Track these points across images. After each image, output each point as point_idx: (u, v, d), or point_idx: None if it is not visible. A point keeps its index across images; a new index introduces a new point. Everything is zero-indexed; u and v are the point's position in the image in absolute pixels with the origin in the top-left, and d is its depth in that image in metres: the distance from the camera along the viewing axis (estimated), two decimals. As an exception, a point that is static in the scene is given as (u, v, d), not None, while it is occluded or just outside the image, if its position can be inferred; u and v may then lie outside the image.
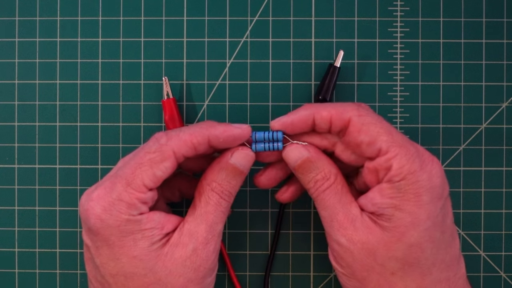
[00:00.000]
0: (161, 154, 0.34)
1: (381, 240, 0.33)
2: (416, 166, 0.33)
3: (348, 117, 0.34)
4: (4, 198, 0.43)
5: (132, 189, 0.33)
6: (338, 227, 0.34)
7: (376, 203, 0.34)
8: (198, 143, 0.34)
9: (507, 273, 0.42)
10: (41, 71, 0.43)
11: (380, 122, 0.34)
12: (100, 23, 0.43)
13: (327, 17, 0.43)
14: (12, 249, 0.43)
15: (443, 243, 0.34)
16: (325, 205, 0.35)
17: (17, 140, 0.43)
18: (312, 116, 0.35)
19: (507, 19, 0.42)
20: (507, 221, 0.42)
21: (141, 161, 0.33)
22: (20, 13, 0.43)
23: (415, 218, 0.33)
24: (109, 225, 0.33)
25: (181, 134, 0.34)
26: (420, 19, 0.42)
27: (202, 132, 0.34)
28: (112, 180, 0.34)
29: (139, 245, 0.33)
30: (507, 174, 0.42)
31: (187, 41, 0.43)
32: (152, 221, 0.33)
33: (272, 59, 0.43)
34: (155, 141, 0.34)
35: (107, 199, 0.33)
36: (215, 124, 0.35)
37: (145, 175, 0.33)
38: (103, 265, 0.33)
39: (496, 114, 0.42)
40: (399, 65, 0.42)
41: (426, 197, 0.33)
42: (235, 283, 0.42)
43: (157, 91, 0.43)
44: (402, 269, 0.33)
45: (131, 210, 0.33)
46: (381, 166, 0.34)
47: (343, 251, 0.34)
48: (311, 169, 0.35)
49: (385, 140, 0.33)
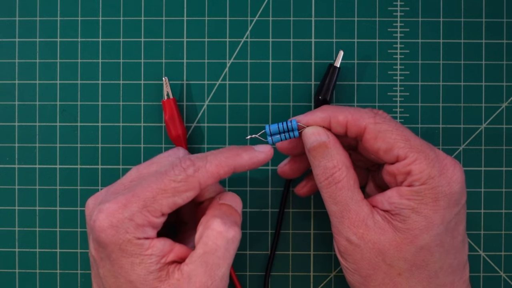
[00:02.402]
0: (186, 185, 0.33)
1: (393, 241, 0.33)
2: (436, 171, 0.33)
3: (364, 124, 0.34)
4: (5, 198, 0.43)
5: (148, 212, 0.32)
6: (349, 224, 0.34)
7: (393, 203, 0.34)
8: (224, 174, 0.34)
9: (507, 273, 0.42)
10: (41, 71, 0.43)
11: (397, 129, 0.34)
12: (100, 23, 0.43)
13: (327, 17, 0.43)
14: (13, 249, 0.43)
15: (453, 248, 0.34)
16: (336, 200, 0.34)
17: (17, 140, 0.43)
18: (329, 119, 0.35)
19: (507, 19, 0.42)
20: (507, 221, 0.42)
21: (164, 187, 0.32)
22: (20, 13, 0.43)
23: (429, 222, 0.33)
24: (112, 241, 0.32)
25: (207, 165, 0.33)
26: (420, 19, 0.42)
27: (228, 162, 0.34)
28: (128, 197, 0.32)
29: (136, 270, 0.32)
30: (507, 174, 0.42)
31: (187, 41, 0.43)
32: (154, 248, 0.32)
33: (272, 59, 0.43)
34: (182, 171, 0.33)
35: (118, 216, 0.32)
36: (241, 152, 0.34)
37: (165, 202, 0.32)
38: (105, 277, 0.33)
39: (496, 114, 0.42)
40: (399, 65, 0.42)
41: (443, 203, 0.33)
42: (235, 283, 0.42)
43: (157, 91, 0.43)
44: (409, 270, 0.33)
45: (138, 232, 0.32)
46: (399, 171, 0.34)
47: (352, 248, 0.34)
48: (325, 155, 0.35)
49: (403, 146, 0.33)
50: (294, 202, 0.43)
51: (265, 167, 0.42)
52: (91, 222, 0.33)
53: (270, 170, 0.43)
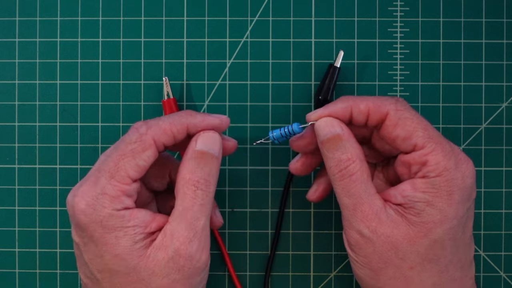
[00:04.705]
0: (142, 144, 0.33)
1: (406, 234, 0.33)
2: (452, 164, 0.33)
3: (386, 110, 0.34)
4: (5, 198, 0.43)
5: (116, 181, 0.33)
6: (362, 218, 0.34)
7: (407, 196, 0.33)
8: (177, 132, 0.34)
9: (507, 273, 0.42)
10: (41, 71, 0.43)
11: (417, 118, 0.34)
12: (100, 23, 0.43)
13: (327, 17, 0.43)
14: (13, 249, 0.43)
15: (463, 243, 0.34)
16: (349, 192, 0.34)
17: (17, 140, 0.43)
18: (350, 108, 0.35)
19: (507, 19, 0.42)
20: (507, 221, 0.42)
21: (123, 152, 0.33)
22: (20, 13, 0.43)
23: (444, 216, 0.33)
24: (92, 220, 0.32)
25: (160, 122, 0.34)
26: (420, 19, 0.42)
27: (181, 120, 0.35)
28: (96, 174, 0.33)
29: (121, 243, 0.32)
30: (507, 174, 0.42)
31: (187, 41, 0.43)
32: (136, 219, 0.33)
33: (272, 59, 0.43)
34: (135, 131, 0.34)
35: (91, 194, 0.33)
36: (194, 114, 0.35)
37: (128, 166, 0.33)
38: (91, 261, 0.33)
39: (496, 114, 0.42)
40: (399, 65, 0.42)
41: (458, 196, 0.33)
42: (235, 283, 0.42)
43: (157, 91, 0.43)
44: (421, 264, 0.33)
45: (115, 204, 0.33)
46: (415, 160, 0.34)
47: (364, 242, 0.34)
48: (338, 147, 0.34)
49: (421, 135, 0.33)
50: (294, 202, 0.43)
51: (265, 167, 0.42)
52: (70, 209, 0.33)
53: (270, 170, 0.43)
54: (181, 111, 0.36)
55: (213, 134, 0.35)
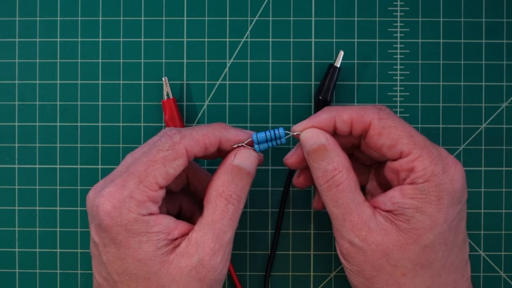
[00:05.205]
0: (174, 152, 0.33)
1: (396, 241, 0.33)
2: (439, 169, 0.33)
3: (369, 120, 0.34)
4: (5, 198, 0.43)
5: (144, 186, 0.33)
6: (351, 227, 0.34)
7: (396, 202, 0.33)
8: (210, 144, 0.34)
9: (507, 273, 0.42)
10: (41, 71, 0.43)
11: (401, 125, 0.34)
12: (100, 23, 0.43)
13: (327, 17, 0.43)
14: (13, 249, 0.43)
15: (455, 246, 0.34)
16: (337, 203, 0.34)
17: (17, 140, 0.43)
18: (333, 119, 0.35)
19: (507, 19, 0.42)
20: (507, 221, 0.42)
21: (154, 158, 0.33)
22: (20, 13, 0.43)
23: (434, 221, 0.33)
24: (117, 223, 0.32)
25: (194, 133, 0.34)
26: (420, 19, 0.42)
27: (215, 133, 0.35)
28: (124, 177, 0.33)
29: (144, 248, 0.33)
30: (507, 174, 0.42)
31: (187, 41, 0.43)
32: (160, 225, 0.33)
33: (272, 59, 0.43)
34: (168, 138, 0.34)
35: (118, 197, 0.32)
36: (228, 128, 0.35)
37: (158, 172, 0.33)
38: (110, 263, 0.33)
39: (496, 114, 0.42)
40: (399, 65, 0.43)
41: (447, 201, 0.33)
42: (235, 283, 0.42)
43: (157, 91, 0.43)
44: (413, 270, 0.33)
45: (141, 209, 0.32)
46: (402, 167, 0.33)
47: (355, 251, 0.34)
48: (324, 158, 0.34)
49: (406, 142, 0.33)
50: (294, 202, 0.43)
51: (265, 167, 0.42)
52: (93, 209, 0.33)
53: (270, 170, 0.43)
54: (214, 123, 0.36)
55: (252, 152, 0.35)
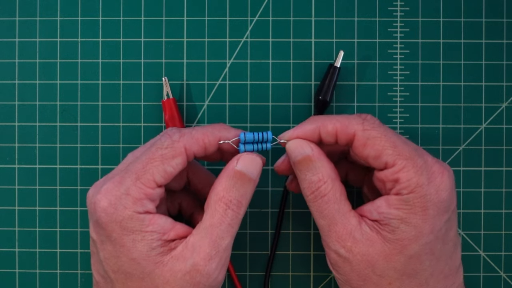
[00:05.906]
0: (173, 150, 0.33)
1: (381, 252, 0.33)
2: (424, 179, 0.33)
3: (353, 131, 0.34)
4: (5, 198, 0.43)
5: (141, 183, 0.33)
6: (337, 238, 0.34)
7: (382, 212, 0.33)
8: (209, 143, 0.34)
9: (507, 273, 0.42)
10: (41, 71, 0.43)
11: (385, 135, 0.34)
12: (100, 23, 0.43)
13: (327, 17, 0.43)
14: (13, 249, 0.43)
15: (444, 254, 0.34)
16: (322, 214, 0.34)
17: (17, 140, 0.43)
18: (318, 129, 0.35)
19: (507, 19, 0.42)
20: (507, 221, 0.42)
21: (152, 156, 0.33)
22: (20, 13, 0.43)
23: (419, 232, 0.33)
24: (112, 219, 0.32)
25: (193, 132, 0.34)
26: (420, 19, 0.42)
27: (214, 133, 0.35)
28: (122, 174, 0.33)
29: (137, 247, 0.32)
30: (507, 174, 0.42)
31: (187, 41, 0.43)
32: (155, 224, 0.33)
33: (272, 59, 0.43)
34: (168, 137, 0.34)
35: (115, 193, 0.33)
36: (228, 128, 0.35)
37: (155, 170, 0.33)
38: (106, 260, 0.33)
39: (496, 114, 0.42)
40: (399, 65, 0.43)
41: (433, 211, 0.33)
42: (235, 283, 0.42)
43: (157, 91, 0.43)
44: (399, 279, 0.33)
45: (137, 206, 0.32)
46: (387, 178, 0.33)
47: (341, 261, 0.34)
48: (309, 168, 0.34)
49: (391, 153, 0.33)
50: (294, 202, 0.43)
51: (265, 167, 0.42)
52: (91, 206, 0.33)
53: (270, 170, 0.43)
54: (215, 123, 0.36)
55: (256, 158, 0.35)
